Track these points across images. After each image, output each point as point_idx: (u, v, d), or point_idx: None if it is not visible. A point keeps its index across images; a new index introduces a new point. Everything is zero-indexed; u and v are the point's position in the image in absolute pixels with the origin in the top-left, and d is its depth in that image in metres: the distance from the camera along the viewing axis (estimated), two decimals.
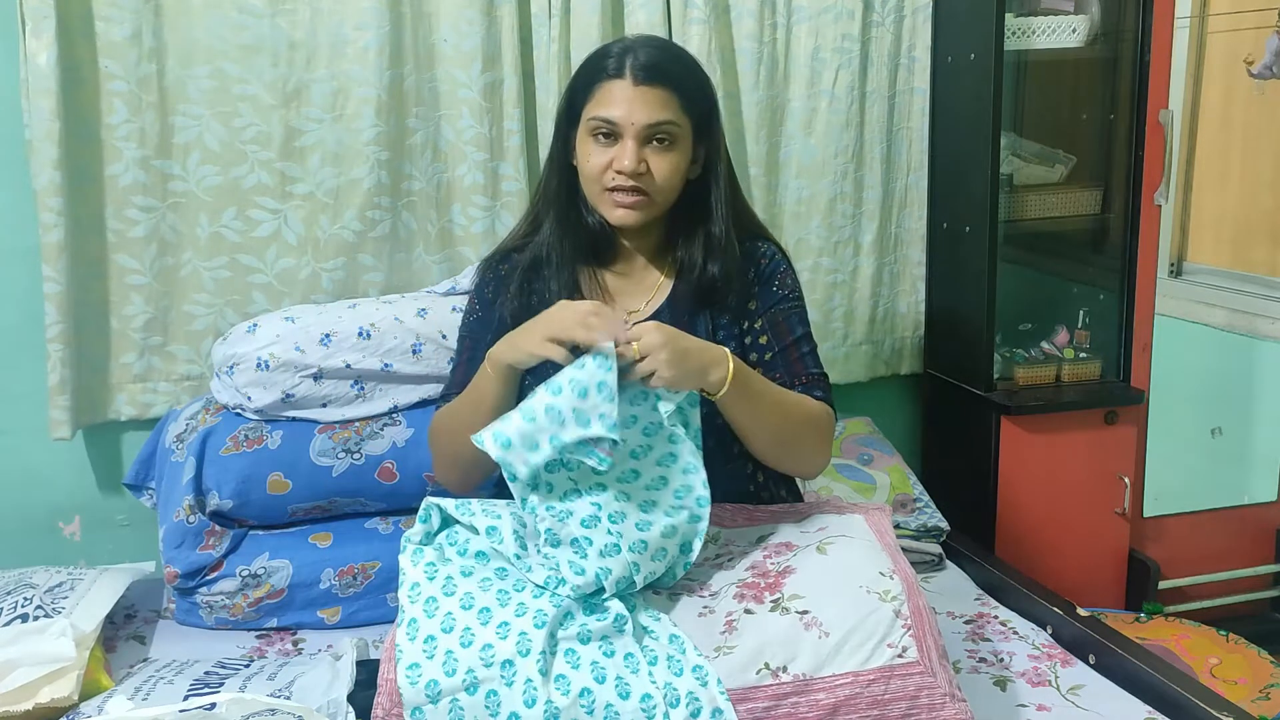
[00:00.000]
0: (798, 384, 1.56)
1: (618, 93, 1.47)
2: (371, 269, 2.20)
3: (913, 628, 1.35)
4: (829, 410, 1.55)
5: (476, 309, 1.63)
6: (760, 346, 1.59)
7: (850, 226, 2.50)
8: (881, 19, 2.43)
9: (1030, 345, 2.55)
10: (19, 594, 1.67)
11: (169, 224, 2.09)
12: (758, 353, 1.59)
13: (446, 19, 2.16)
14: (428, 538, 1.45)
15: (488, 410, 1.43)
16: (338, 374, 1.92)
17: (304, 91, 2.11)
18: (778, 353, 1.57)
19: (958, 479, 2.50)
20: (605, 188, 1.50)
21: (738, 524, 1.60)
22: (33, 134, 1.95)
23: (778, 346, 1.58)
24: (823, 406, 1.54)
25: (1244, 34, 2.79)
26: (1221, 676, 2.09)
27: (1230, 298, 2.78)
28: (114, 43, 2.00)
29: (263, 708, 1.23)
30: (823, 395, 1.56)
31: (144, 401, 2.13)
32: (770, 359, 1.58)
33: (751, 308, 1.60)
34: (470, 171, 2.21)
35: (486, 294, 1.63)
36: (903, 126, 2.50)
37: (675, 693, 1.26)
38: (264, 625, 1.85)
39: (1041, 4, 2.44)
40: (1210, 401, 2.82)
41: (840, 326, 2.53)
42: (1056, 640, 1.78)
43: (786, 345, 1.58)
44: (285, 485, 1.86)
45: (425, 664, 1.27)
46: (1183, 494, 2.67)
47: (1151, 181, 2.40)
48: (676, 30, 2.26)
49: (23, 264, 2.05)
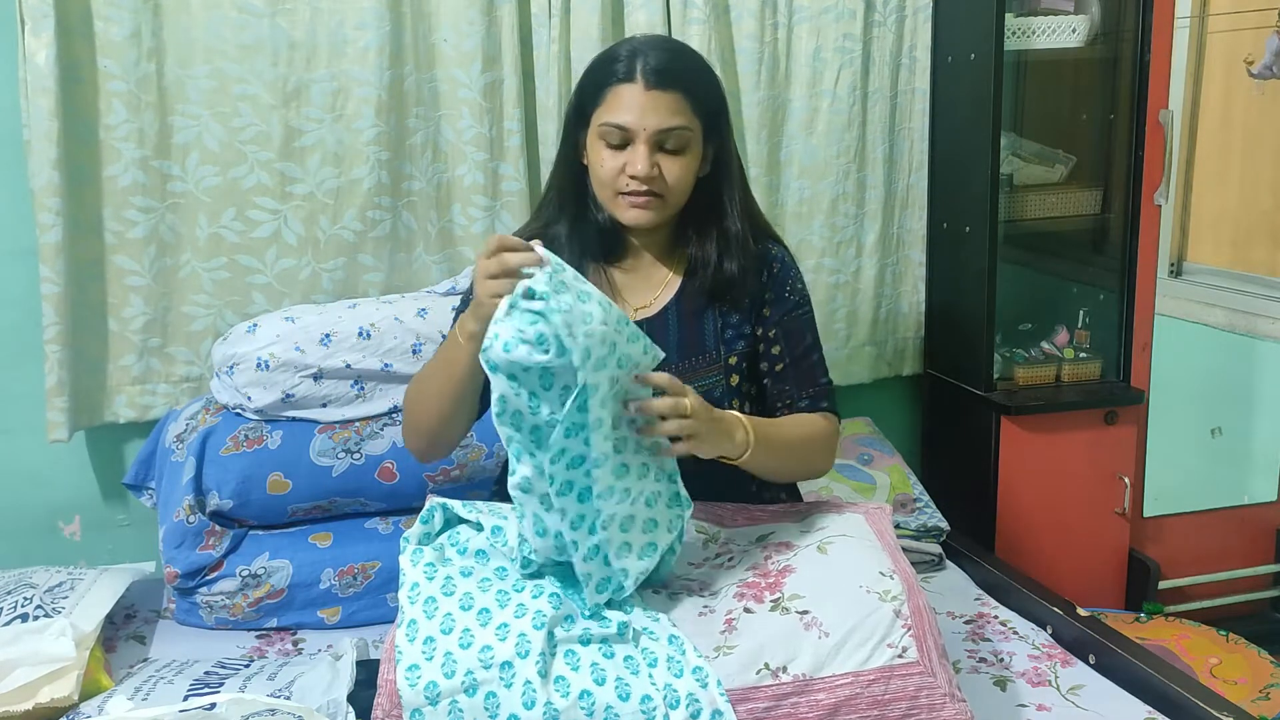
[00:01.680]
0: (806, 395, 1.58)
1: (629, 97, 1.47)
2: (371, 269, 2.20)
3: (913, 628, 1.35)
4: (835, 421, 1.59)
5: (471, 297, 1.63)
6: (772, 356, 1.60)
7: (853, 227, 2.50)
8: (883, 19, 2.42)
9: (1030, 345, 2.55)
10: (19, 594, 1.67)
11: (168, 225, 2.09)
12: (769, 362, 1.60)
13: (446, 19, 2.15)
14: (427, 538, 1.45)
15: (458, 379, 1.43)
16: (338, 374, 1.92)
17: (304, 91, 2.11)
18: (789, 364, 1.59)
19: (958, 479, 2.50)
20: (618, 191, 1.50)
21: (738, 524, 1.60)
22: (31, 133, 1.95)
23: (789, 357, 1.60)
24: (829, 421, 1.58)
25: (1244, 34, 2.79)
26: (1221, 676, 2.09)
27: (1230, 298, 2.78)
28: (113, 42, 2.00)
29: (263, 708, 1.23)
30: (829, 405, 1.59)
31: (143, 403, 2.13)
32: (781, 370, 1.60)
33: (766, 314, 1.61)
34: (470, 171, 2.21)
35: None
36: (904, 126, 2.50)
37: (675, 694, 1.26)
38: (264, 625, 1.85)
39: (1041, 4, 2.44)
40: (1210, 401, 2.82)
41: (843, 328, 2.53)
42: (1056, 640, 1.78)
43: (798, 355, 1.60)
44: (285, 485, 1.86)
45: (425, 665, 1.27)
46: (1183, 494, 2.67)
47: (1151, 181, 2.40)
48: (676, 30, 2.26)
49: (21, 265, 2.05)
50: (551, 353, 1.22)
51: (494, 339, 1.23)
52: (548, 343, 1.22)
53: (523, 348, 1.22)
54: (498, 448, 1.93)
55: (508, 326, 1.23)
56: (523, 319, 1.23)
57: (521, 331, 1.22)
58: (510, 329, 1.23)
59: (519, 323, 1.23)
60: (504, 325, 1.23)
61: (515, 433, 1.28)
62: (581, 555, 1.31)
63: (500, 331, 1.23)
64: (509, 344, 1.22)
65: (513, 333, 1.23)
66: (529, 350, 1.22)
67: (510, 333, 1.23)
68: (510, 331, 1.23)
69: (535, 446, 1.28)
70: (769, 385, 1.60)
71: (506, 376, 1.24)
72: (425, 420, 1.51)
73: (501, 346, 1.23)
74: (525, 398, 1.26)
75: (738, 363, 1.59)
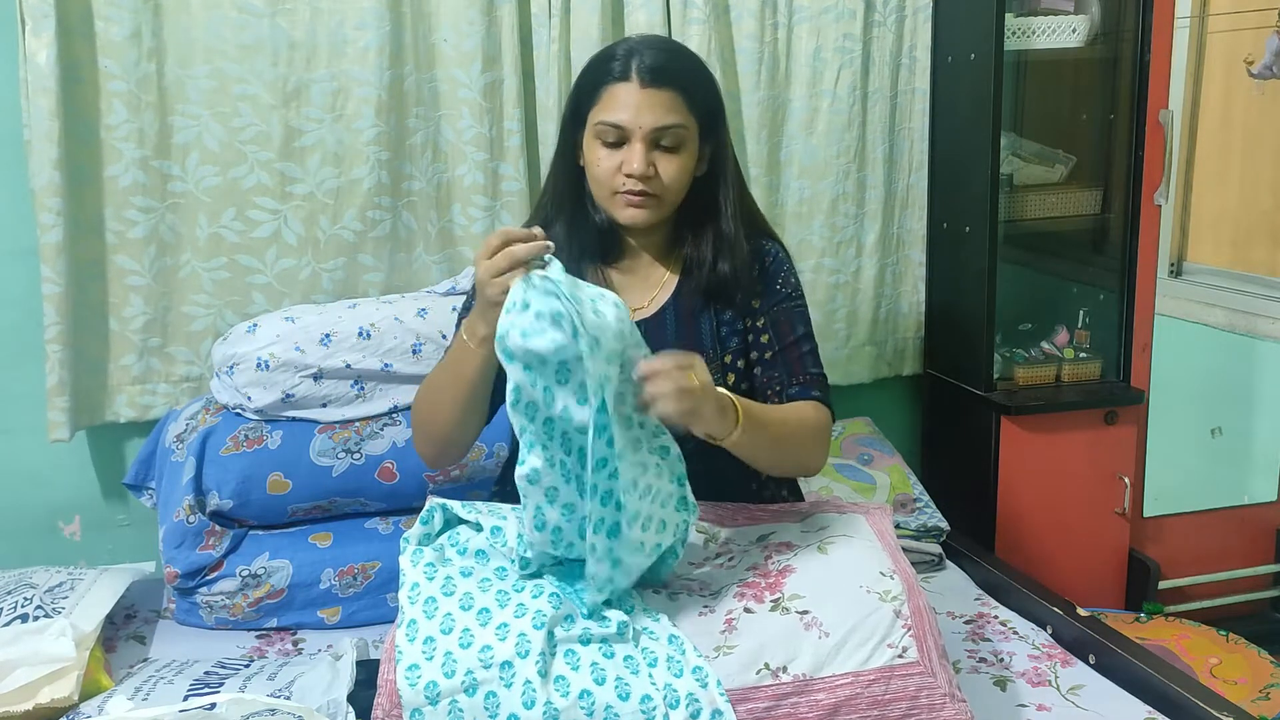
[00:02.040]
0: (796, 383, 1.56)
1: (624, 96, 1.47)
2: (371, 269, 2.20)
3: (913, 628, 1.35)
4: (826, 412, 1.55)
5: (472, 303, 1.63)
6: (761, 345, 1.59)
7: (853, 227, 2.50)
8: (883, 19, 2.42)
9: (1030, 345, 2.55)
10: (19, 594, 1.67)
11: (168, 224, 2.09)
12: (759, 351, 1.59)
13: (446, 19, 2.15)
14: (427, 538, 1.45)
15: (467, 382, 1.42)
16: (338, 374, 1.92)
17: (304, 91, 2.11)
18: (778, 352, 1.58)
19: (958, 479, 2.50)
20: (614, 190, 1.50)
21: (738, 524, 1.60)
22: (31, 133, 1.95)
23: (779, 345, 1.58)
24: (821, 410, 1.55)
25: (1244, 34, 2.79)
26: (1221, 676, 2.09)
27: (1230, 298, 2.78)
28: (113, 42, 2.00)
29: (263, 708, 1.23)
30: (820, 395, 1.56)
31: (143, 403, 2.13)
32: (770, 358, 1.58)
33: (755, 305, 1.60)
34: (470, 171, 2.21)
35: None
36: (904, 126, 2.50)
37: (675, 694, 1.26)
38: (264, 625, 1.85)
39: (1041, 4, 2.44)
40: (1210, 401, 2.82)
41: (843, 328, 2.53)
42: (1056, 640, 1.78)
43: (787, 344, 1.58)
44: (285, 485, 1.86)
45: (425, 665, 1.27)
46: (1183, 494, 2.67)
47: (1151, 181, 2.40)
48: (676, 30, 2.26)
49: (21, 265, 2.05)
50: (567, 332, 1.20)
51: (509, 327, 1.22)
52: (563, 320, 1.20)
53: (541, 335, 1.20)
54: (498, 448, 1.93)
55: (524, 316, 1.22)
56: (541, 300, 1.22)
57: (539, 313, 1.21)
58: (527, 318, 1.22)
59: (537, 303, 1.22)
60: (520, 315, 1.22)
61: (529, 423, 1.27)
62: (597, 557, 1.29)
63: (517, 320, 1.22)
64: (526, 331, 1.21)
65: (529, 320, 1.21)
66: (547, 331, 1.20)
67: (527, 320, 1.21)
68: (527, 319, 1.21)
69: (547, 439, 1.28)
70: (759, 374, 1.58)
71: (523, 366, 1.23)
72: (437, 428, 1.50)
73: (519, 334, 1.21)
74: (540, 390, 1.24)
75: (733, 361, 1.59)
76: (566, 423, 1.26)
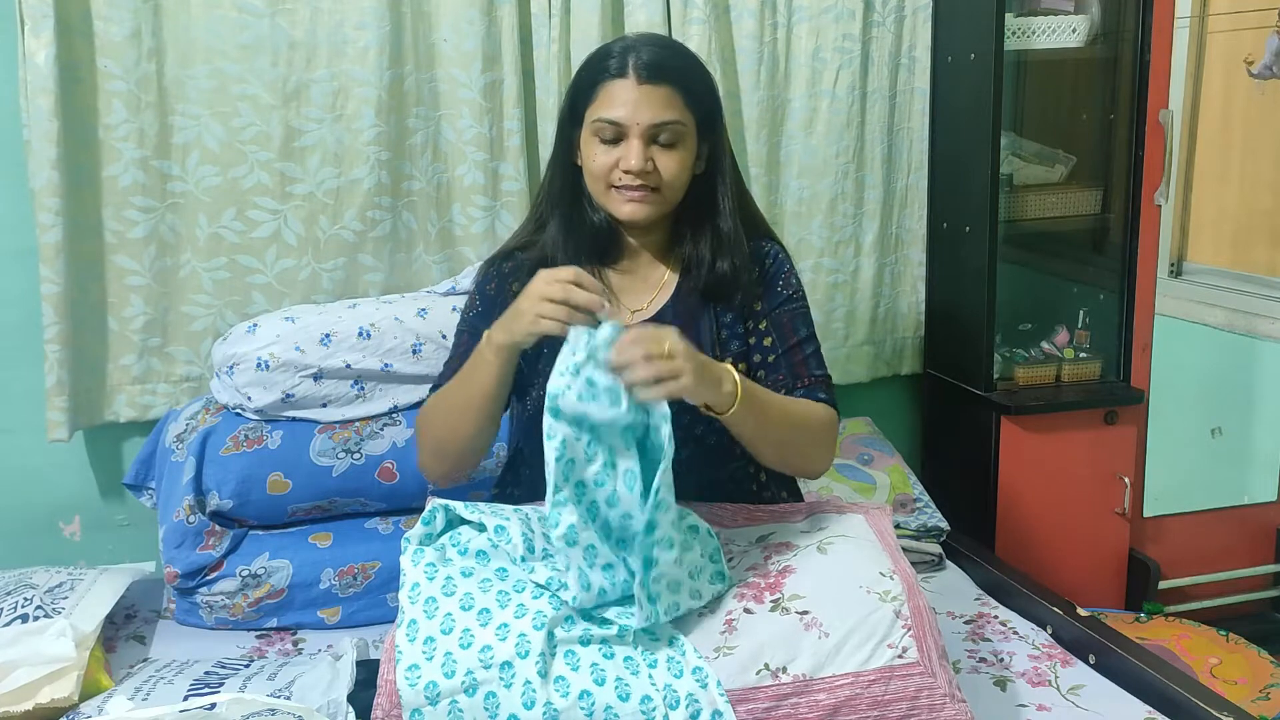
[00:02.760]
0: (800, 385, 1.55)
1: (622, 93, 1.47)
2: (371, 269, 2.20)
3: (913, 628, 1.35)
4: (832, 412, 1.55)
5: (477, 304, 1.63)
6: (764, 348, 1.58)
7: (851, 226, 2.50)
8: (882, 19, 2.42)
9: (1030, 345, 2.55)
10: (19, 594, 1.67)
11: (168, 224, 2.09)
12: (761, 354, 1.58)
13: (446, 19, 2.15)
14: (429, 539, 1.45)
15: (484, 394, 1.42)
16: (338, 374, 1.92)
17: (304, 91, 2.11)
18: (781, 354, 1.57)
19: (958, 479, 2.50)
20: (611, 185, 1.50)
21: (738, 524, 1.60)
22: (31, 134, 1.95)
23: (782, 348, 1.57)
24: (826, 409, 1.54)
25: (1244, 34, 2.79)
26: (1221, 676, 2.09)
27: (1230, 298, 2.78)
28: (113, 42, 2.00)
29: (263, 708, 1.23)
30: (825, 397, 1.55)
31: (143, 403, 2.13)
32: (774, 360, 1.57)
33: (757, 308, 1.59)
34: (470, 171, 2.21)
35: (489, 290, 1.62)
36: (903, 126, 2.50)
37: (675, 695, 1.26)
38: (264, 625, 1.85)
39: (1041, 4, 2.44)
40: (1210, 401, 2.82)
41: (841, 327, 2.53)
42: (1057, 640, 1.78)
43: (790, 346, 1.57)
44: (285, 485, 1.86)
45: (425, 665, 1.27)
46: (1183, 494, 2.67)
47: (1151, 181, 2.40)
48: (676, 30, 2.26)
49: (21, 265, 2.05)
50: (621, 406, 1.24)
51: (565, 390, 1.24)
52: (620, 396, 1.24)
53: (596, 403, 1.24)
54: (498, 449, 1.92)
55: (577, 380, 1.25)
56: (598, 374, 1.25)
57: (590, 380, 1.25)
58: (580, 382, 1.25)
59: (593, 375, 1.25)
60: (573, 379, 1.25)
61: (564, 481, 1.27)
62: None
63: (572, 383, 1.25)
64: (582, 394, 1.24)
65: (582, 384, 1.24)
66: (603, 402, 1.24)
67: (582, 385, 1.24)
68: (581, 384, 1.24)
69: (578, 498, 1.28)
70: (762, 377, 1.57)
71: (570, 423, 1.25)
72: (451, 442, 1.50)
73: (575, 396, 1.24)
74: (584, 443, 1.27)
75: (733, 364, 1.58)
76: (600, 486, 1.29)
